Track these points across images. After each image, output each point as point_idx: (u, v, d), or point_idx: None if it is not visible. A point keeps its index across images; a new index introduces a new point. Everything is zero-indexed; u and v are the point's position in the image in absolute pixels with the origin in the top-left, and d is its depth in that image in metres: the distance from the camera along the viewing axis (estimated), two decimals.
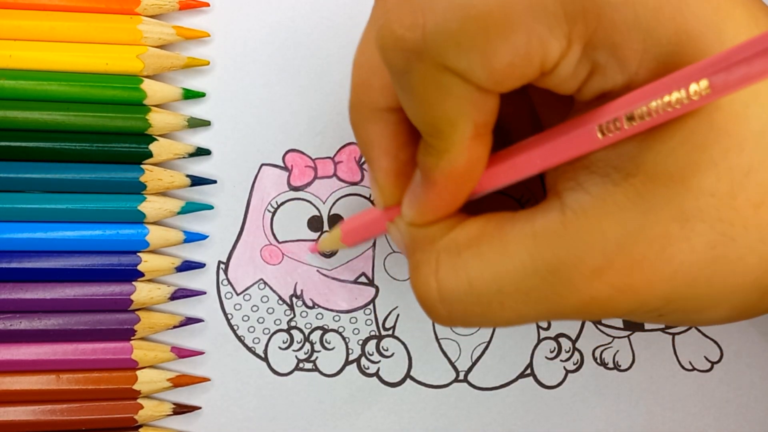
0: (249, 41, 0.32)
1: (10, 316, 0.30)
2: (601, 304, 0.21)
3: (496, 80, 0.19)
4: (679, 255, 0.20)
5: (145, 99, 0.30)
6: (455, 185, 0.22)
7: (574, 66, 0.20)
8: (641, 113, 0.19)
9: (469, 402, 0.32)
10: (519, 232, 0.21)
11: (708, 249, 0.20)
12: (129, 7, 0.30)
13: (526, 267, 0.21)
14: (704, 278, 0.21)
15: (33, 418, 0.30)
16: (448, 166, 0.21)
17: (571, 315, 0.22)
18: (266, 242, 0.31)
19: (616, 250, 0.20)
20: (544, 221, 0.21)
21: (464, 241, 0.22)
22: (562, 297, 0.21)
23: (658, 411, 0.32)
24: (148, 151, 0.30)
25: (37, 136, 0.29)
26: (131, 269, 0.30)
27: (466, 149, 0.21)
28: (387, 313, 0.32)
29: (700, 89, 0.18)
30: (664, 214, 0.20)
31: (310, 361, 0.32)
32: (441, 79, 0.19)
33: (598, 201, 0.20)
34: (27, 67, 0.30)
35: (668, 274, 0.20)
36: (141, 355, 0.30)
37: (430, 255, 0.23)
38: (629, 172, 0.20)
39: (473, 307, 0.22)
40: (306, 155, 0.32)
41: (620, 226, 0.20)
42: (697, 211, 0.20)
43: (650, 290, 0.21)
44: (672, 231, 0.20)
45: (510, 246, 0.21)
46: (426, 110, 0.20)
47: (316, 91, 0.32)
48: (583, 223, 0.20)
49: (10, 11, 0.30)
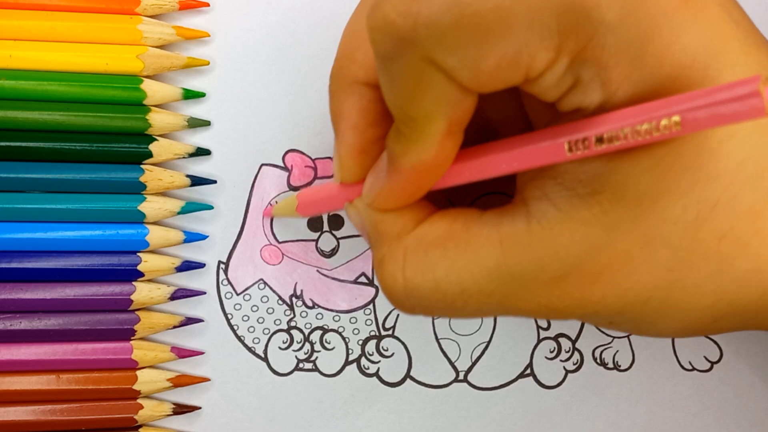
0: (249, 41, 0.32)
1: (10, 316, 0.30)
2: (556, 310, 0.22)
3: (480, 82, 0.19)
4: (636, 274, 0.21)
5: (145, 99, 0.30)
6: (420, 177, 0.22)
7: (558, 78, 0.20)
8: (610, 136, 0.19)
9: (469, 402, 0.32)
10: (486, 237, 0.22)
11: (665, 272, 0.21)
12: (129, 7, 0.30)
13: (490, 271, 0.22)
14: (658, 298, 0.21)
15: (33, 418, 0.30)
16: (416, 157, 0.21)
17: (528, 315, 0.23)
18: (266, 242, 0.31)
19: (576, 263, 0.21)
20: (511, 228, 0.22)
21: (431, 240, 0.23)
22: (521, 300, 0.22)
23: (658, 411, 0.32)
24: (148, 151, 0.30)
25: (37, 136, 0.29)
26: (131, 269, 0.30)
27: (436, 144, 0.21)
28: (387, 313, 0.32)
29: (670, 123, 0.18)
30: (627, 235, 0.20)
31: (310, 361, 0.32)
32: (424, 71, 0.19)
33: (562, 214, 0.21)
34: (27, 67, 0.30)
35: (623, 290, 0.21)
36: (141, 355, 0.30)
37: (396, 250, 0.23)
38: (595, 188, 0.21)
39: (437, 303, 0.23)
40: (306, 155, 0.32)
41: (583, 241, 0.21)
42: (659, 237, 0.20)
43: (604, 303, 0.21)
44: (632, 251, 0.21)
45: (476, 250, 0.22)
46: (404, 99, 0.20)
47: (316, 91, 0.32)
48: (548, 234, 0.21)
49: (10, 11, 0.30)
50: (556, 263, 0.21)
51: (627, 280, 0.21)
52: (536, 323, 0.32)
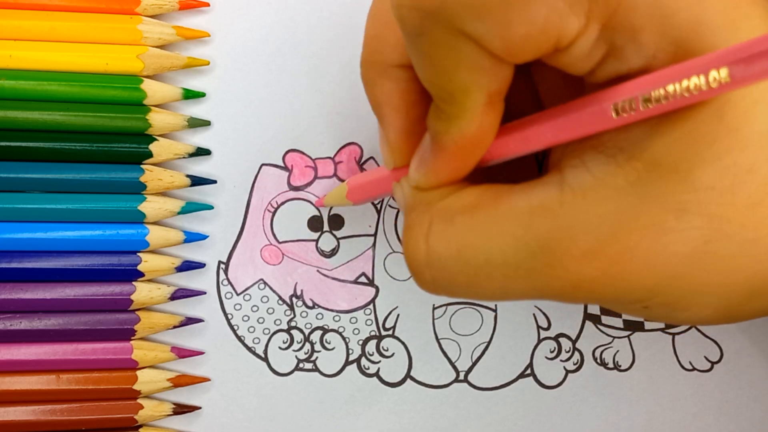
0: (249, 41, 0.32)
1: (10, 316, 0.30)
2: (587, 287, 0.21)
3: (511, 51, 0.19)
4: (672, 246, 0.20)
5: (145, 99, 0.30)
6: (465, 152, 0.22)
7: (590, 45, 0.20)
8: (658, 96, 0.18)
9: (469, 402, 0.32)
10: (514, 205, 0.21)
11: (701, 243, 0.20)
12: (129, 7, 0.30)
13: (517, 241, 0.21)
14: (693, 273, 0.20)
15: (33, 418, 0.30)
16: (459, 132, 0.21)
17: (556, 295, 0.21)
18: (266, 242, 0.31)
19: (610, 234, 0.20)
20: (542, 196, 0.21)
21: (459, 208, 0.22)
22: (550, 276, 0.21)
23: (658, 411, 0.32)
24: (148, 151, 0.30)
25: (37, 136, 0.29)
26: (131, 269, 0.30)
27: (478, 116, 0.20)
28: (387, 313, 0.32)
29: (720, 77, 0.17)
30: (662, 203, 0.20)
31: (310, 361, 0.32)
32: (456, 44, 0.19)
33: (598, 182, 0.20)
34: (27, 67, 0.30)
35: (658, 264, 0.20)
36: (141, 355, 0.30)
37: (423, 217, 0.22)
38: (633, 155, 0.20)
39: (459, 275, 0.22)
40: (306, 155, 0.32)
41: (617, 210, 0.20)
42: (695, 204, 0.20)
43: (638, 279, 0.20)
44: (667, 221, 0.20)
45: (504, 218, 0.21)
46: (439, 75, 0.20)
47: (316, 91, 0.32)
48: (581, 203, 0.20)
49: (10, 11, 0.30)
50: (587, 234, 0.20)
51: (662, 253, 0.20)
52: (536, 323, 0.32)
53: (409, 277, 0.32)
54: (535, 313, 0.32)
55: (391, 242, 0.32)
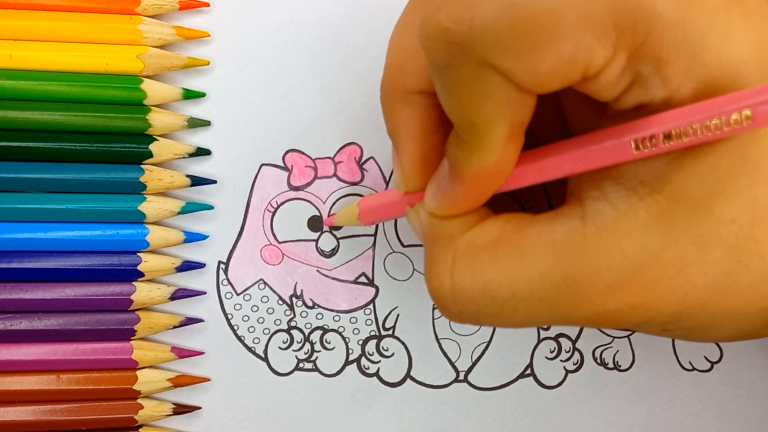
0: (249, 41, 0.32)
1: (10, 316, 0.30)
2: (611, 317, 0.21)
3: (539, 82, 0.19)
4: (693, 278, 0.20)
5: (145, 99, 0.30)
6: (483, 182, 0.22)
7: (617, 75, 0.20)
8: (678, 132, 0.19)
9: (469, 402, 0.32)
10: (538, 240, 0.21)
11: (722, 275, 0.21)
12: (129, 7, 0.30)
13: (543, 275, 0.21)
14: (714, 302, 0.21)
15: (33, 418, 0.30)
16: (479, 163, 0.21)
17: (580, 323, 0.22)
18: (266, 242, 0.31)
19: (633, 268, 0.20)
20: (565, 231, 0.21)
21: (482, 243, 0.22)
22: (575, 307, 0.21)
23: (658, 411, 0.32)
24: (148, 151, 0.30)
25: (37, 136, 0.29)
26: (131, 269, 0.30)
27: (499, 148, 0.21)
28: (387, 313, 0.32)
29: (741, 118, 0.18)
30: (684, 236, 0.20)
31: (310, 361, 0.32)
32: (483, 76, 0.19)
33: (620, 216, 0.20)
34: (27, 67, 0.30)
35: (680, 295, 0.21)
36: (141, 355, 0.30)
37: (447, 252, 0.23)
38: (654, 188, 0.20)
39: (485, 308, 0.22)
40: (306, 155, 0.32)
41: (640, 245, 0.20)
42: (716, 237, 0.20)
43: (660, 309, 0.21)
44: (689, 254, 0.20)
45: (528, 253, 0.21)
46: (464, 106, 0.20)
47: (316, 91, 0.32)
48: (604, 238, 0.21)
49: (10, 11, 0.30)
50: (611, 269, 0.20)
51: (684, 284, 0.21)
52: None
53: (408, 277, 0.32)
54: None
55: (391, 242, 0.32)
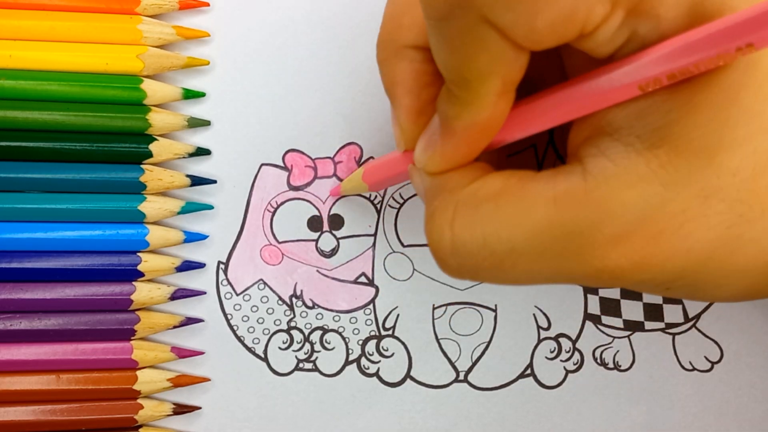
0: (249, 41, 0.32)
1: (10, 316, 0.30)
2: (613, 273, 0.21)
3: (535, 39, 0.19)
4: (696, 232, 0.20)
5: (145, 99, 0.30)
6: (474, 138, 0.22)
7: (613, 32, 0.20)
8: (683, 72, 0.18)
9: (469, 402, 0.32)
10: (540, 193, 0.21)
11: (724, 228, 0.20)
12: (129, 7, 0.30)
13: (543, 228, 0.21)
14: (718, 257, 0.21)
15: (33, 418, 0.30)
16: (470, 118, 0.21)
17: (581, 280, 0.21)
18: (266, 242, 0.31)
19: (635, 222, 0.20)
20: (566, 185, 0.21)
21: (484, 195, 0.22)
22: (576, 262, 0.21)
23: (658, 411, 0.32)
24: (148, 151, 0.30)
25: (37, 136, 0.29)
26: (131, 269, 0.30)
27: (491, 104, 0.21)
28: (387, 313, 0.32)
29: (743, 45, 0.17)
30: (686, 190, 0.20)
31: (310, 361, 0.32)
32: (479, 31, 0.19)
33: (620, 170, 0.20)
34: (27, 67, 0.30)
35: (683, 250, 0.20)
36: (141, 355, 0.30)
37: (447, 204, 0.22)
38: (653, 143, 0.20)
39: (484, 262, 0.22)
40: (306, 155, 0.32)
41: (641, 198, 0.20)
42: (717, 190, 0.20)
43: (663, 264, 0.21)
44: (692, 207, 0.20)
45: (529, 206, 0.21)
46: (458, 61, 0.20)
47: (316, 91, 0.32)
48: (605, 191, 0.20)
49: (10, 11, 0.30)
50: (613, 222, 0.20)
51: (687, 239, 0.20)
52: (536, 323, 0.32)
53: (408, 277, 0.32)
54: (535, 313, 0.32)
55: (391, 242, 0.32)
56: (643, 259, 0.20)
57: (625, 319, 0.33)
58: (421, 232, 0.32)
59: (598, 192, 0.20)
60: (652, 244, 0.20)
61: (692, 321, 0.33)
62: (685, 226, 0.20)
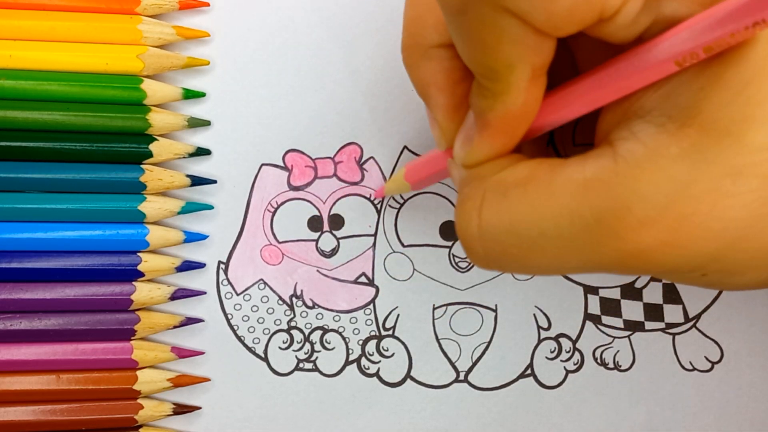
0: (249, 41, 0.32)
1: (10, 316, 0.30)
2: (644, 257, 0.20)
3: (555, 24, 0.19)
4: (730, 211, 0.20)
5: (145, 99, 0.30)
6: (510, 127, 0.22)
7: (634, 14, 0.19)
8: (719, 44, 0.18)
9: (469, 402, 0.32)
10: (568, 178, 0.21)
11: (758, 206, 0.20)
12: (129, 7, 0.30)
13: (572, 213, 0.20)
14: (752, 236, 0.20)
15: (33, 418, 0.30)
16: (504, 108, 0.21)
17: (612, 267, 0.21)
18: (266, 242, 0.31)
19: (667, 202, 0.20)
20: (596, 168, 0.20)
21: (512, 181, 0.22)
22: (606, 246, 0.20)
23: (658, 411, 0.32)
24: (148, 151, 0.30)
25: (37, 136, 0.29)
26: (131, 269, 0.30)
27: (523, 91, 0.20)
28: (387, 313, 0.32)
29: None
30: (717, 168, 0.20)
31: (310, 361, 0.32)
32: (498, 20, 0.19)
33: (651, 152, 0.20)
34: (27, 67, 0.30)
35: (717, 231, 0.20)
36: (141, 355, 0.30)
37: (476, 191, 0.22)
38: (684, 122, 0.20)
39: (512, 248, 0.21)
40: (306, 155, 0.32)
41: (672, 179, 0.20)
42: (750, 166, 0.20)
43: (696, 246, 0.20)
44: (724, 186, 0.20)
45: (558, 190, 0.21)
46: (482, 53, 0.20)
47: (316, 91, 0.32)
48: (636, 172, 0.20)
49: (10, 11, 0.30)
50: (644, 203, 0.20)
51: (721, 218, 0.20)
52: (536, 323, 0.32)
53: (408, 277, 0.32)
54: (535, 314, 0.32)
55: (391, 242, 0.32)
56: (676, 240, 0.20)
57: (626, 319, 0.33)
58: (421, 232, 0.32)
59: (628, 174, 0.20)
60: (684, 225, 0.20)
61: (692, 321, 0.33)
62: (717, 205, 0.20)
